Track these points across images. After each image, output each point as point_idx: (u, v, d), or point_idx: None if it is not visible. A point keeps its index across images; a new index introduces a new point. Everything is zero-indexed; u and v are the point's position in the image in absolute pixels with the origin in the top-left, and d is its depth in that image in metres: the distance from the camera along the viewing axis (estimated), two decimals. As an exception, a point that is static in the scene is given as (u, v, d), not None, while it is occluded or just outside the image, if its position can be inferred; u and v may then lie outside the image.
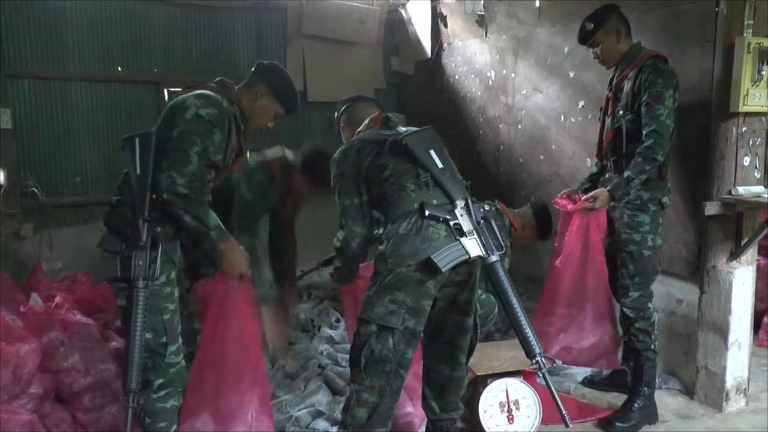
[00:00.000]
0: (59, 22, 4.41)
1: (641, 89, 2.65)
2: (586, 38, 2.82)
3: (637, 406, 2.79)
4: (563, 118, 3.97)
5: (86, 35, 4.52)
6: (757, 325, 3.50)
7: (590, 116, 3.64)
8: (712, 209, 2.78)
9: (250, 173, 2.97)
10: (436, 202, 2.10)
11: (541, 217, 3.37)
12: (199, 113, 2.09)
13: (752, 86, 2.68)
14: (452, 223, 2.06)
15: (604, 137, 2.91)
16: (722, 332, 2.89)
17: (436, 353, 2.32)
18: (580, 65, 3.75)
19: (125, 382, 2.02)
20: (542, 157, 4.19)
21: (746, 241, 2.83)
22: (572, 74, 3.84)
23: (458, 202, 2.11)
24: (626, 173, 2.65)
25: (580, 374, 3.25)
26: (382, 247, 2.11)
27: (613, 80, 2.87)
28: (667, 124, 2.62)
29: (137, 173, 2.06)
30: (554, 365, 3.07)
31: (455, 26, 5.04)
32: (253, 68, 2.38)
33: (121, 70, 4.70)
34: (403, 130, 2.33)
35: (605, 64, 2.87)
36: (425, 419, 2.45)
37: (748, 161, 2.81)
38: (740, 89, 2.67)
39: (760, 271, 3.18)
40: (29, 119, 4.38)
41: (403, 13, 5.56)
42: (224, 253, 2.09)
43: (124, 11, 4.62)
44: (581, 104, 3.79)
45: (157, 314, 2.08)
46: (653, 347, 2.82)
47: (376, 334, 2.08)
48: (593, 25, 2.77)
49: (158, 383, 2.12)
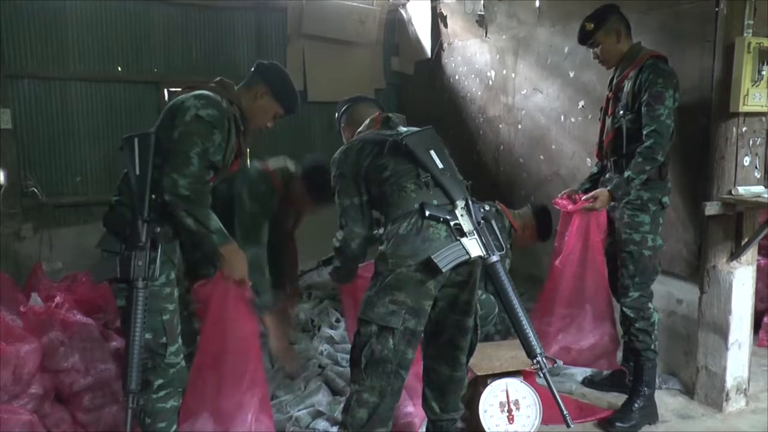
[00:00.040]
0: (59, 22, 4.41)
1: (641, 89, 2.65)
2: (586, 38, 2.82)
3: (637, 406, 2.79)
4: (563, 118, 3.96)
5: (86, 35, 4.52)
6: (757, 325, 3.50)
7: (590, 116, 3.64)
8: (712, 209, 2.78)
9: (251, 184, 2.99)
10: (436, 202, 2.10)
11: (541, 218, 3.37)
12: (198, 114, 2.08)
13: (752, 86, 2.67)
14: (452, 223, 2.06)
15: (604, 137, 2.91)
16: (722, 332, 2.89)
17: (436, 353, 2.32)
18: (580, 65, 3.75)
19: (125, 382, 2.02)
20: (542, 157, 4.19)
21: (746, 241, 2.83)
22: (572, 74, 3.84)
23: (458, 202, 2.10)
24: (626, 173, 2.65)
25: (580, 374, 3.25)
26: (382, 247, 2.11)
27: (613, 80, 2.87)
28: (667, 124, 2.62)
29: (136, 173, 2.06)
30: (555, 365, 3.06)
31: (455, 26, 5.04)
32: (252, 68, 2.37)
33: (121, 70, 4.70)
34: (403, 130, 2.32)
35: (605, 64, 2.87)
36: (425, 419, 2.45)
37: (748, 161, 2.81)
38: (740, 89, 2.67)
39: (760, 271, 3.18)
40: (29, 119, 4.38)
41: (403, 13, 5.56)
42: (225, 256, 2.09)
43: (124, 11, 4.62)
44: (581, 104, 3.79)
45: (156, 315, 2.08)
46: (653, 347, 2.82)
47: (376, 334, 2.08)
48: (593, 25, 2.77)
49: (158, 383, 2.12)
